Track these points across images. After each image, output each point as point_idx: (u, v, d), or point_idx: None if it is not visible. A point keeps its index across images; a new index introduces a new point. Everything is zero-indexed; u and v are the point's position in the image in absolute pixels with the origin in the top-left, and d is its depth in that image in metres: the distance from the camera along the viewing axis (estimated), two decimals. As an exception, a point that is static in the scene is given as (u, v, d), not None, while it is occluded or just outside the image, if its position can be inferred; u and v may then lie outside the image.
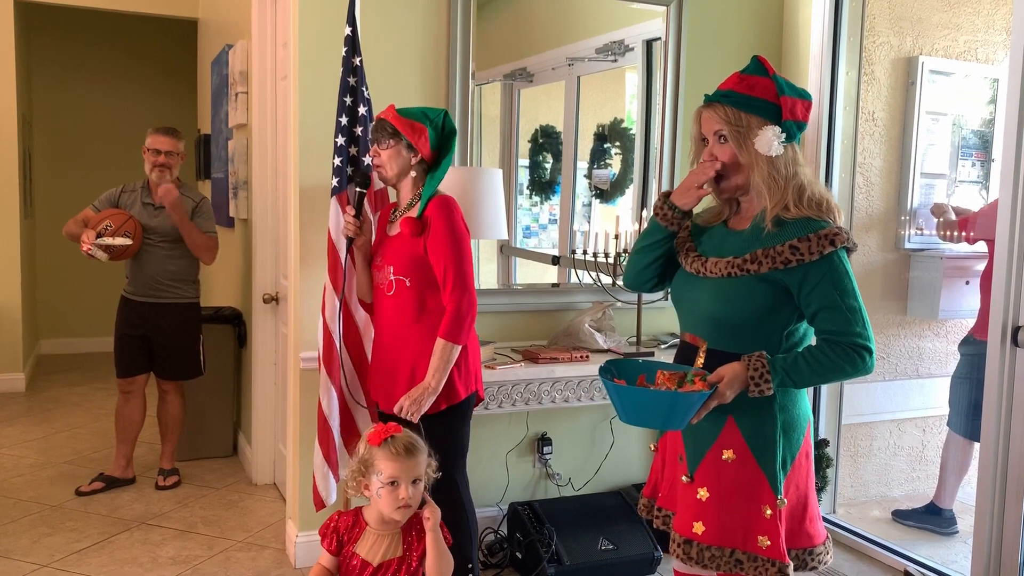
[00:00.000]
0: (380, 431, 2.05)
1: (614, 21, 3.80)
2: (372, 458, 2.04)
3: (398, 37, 3.24)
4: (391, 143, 2.57)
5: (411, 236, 2.54)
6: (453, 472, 2.62)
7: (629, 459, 3.75)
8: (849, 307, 1.85)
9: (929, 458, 4.16)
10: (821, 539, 2.01)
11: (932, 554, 3.45)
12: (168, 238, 3.98)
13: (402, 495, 2.02)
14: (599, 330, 3.42)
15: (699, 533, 1.94)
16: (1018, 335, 2.77)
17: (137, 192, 4.05)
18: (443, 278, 2.51)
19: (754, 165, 1.92)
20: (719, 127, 1.94)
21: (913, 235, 3.96)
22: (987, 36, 4.04)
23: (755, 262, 1.89)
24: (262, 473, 4.21)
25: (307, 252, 3.19)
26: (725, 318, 1.94)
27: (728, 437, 1.93)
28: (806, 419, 1.98)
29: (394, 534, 2.12)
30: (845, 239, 1.88)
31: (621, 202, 3.89)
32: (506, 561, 3.29)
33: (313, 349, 3.10)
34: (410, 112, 2.59)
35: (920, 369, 4.08)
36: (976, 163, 4.12)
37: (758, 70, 1.95)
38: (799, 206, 1.90)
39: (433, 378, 2.49)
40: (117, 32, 7.34)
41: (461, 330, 2.49)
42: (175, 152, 4.01)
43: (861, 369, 1.87)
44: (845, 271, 1.88)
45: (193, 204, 4.02)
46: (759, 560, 1.89)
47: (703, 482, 1.96)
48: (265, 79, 3.98)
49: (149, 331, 4.05)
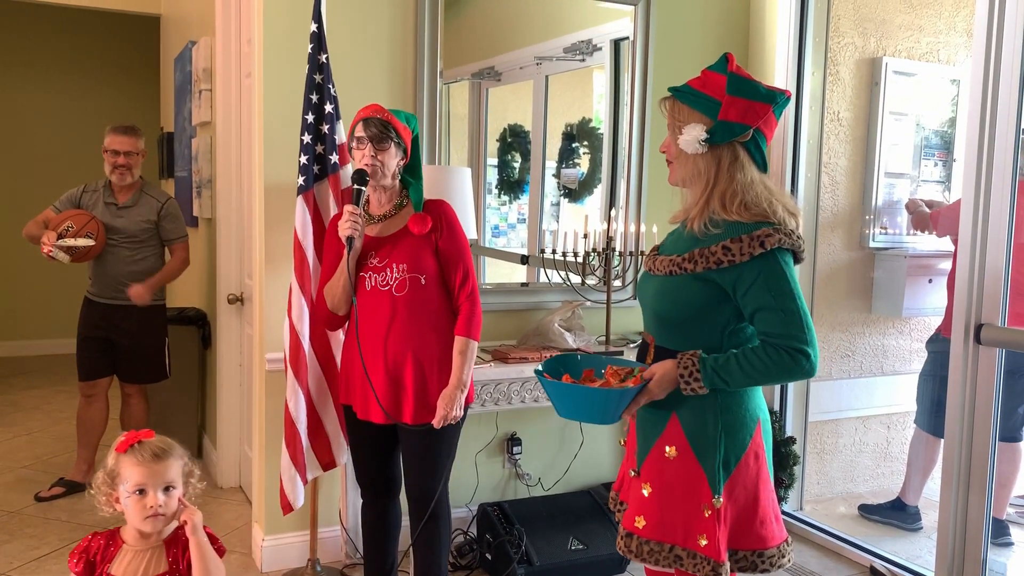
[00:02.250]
0: (128, 438, 1.90)
1: (582, 20, 3.80)
2: (118, 467, 1.89)
3: (365, 34, 3.21)
4: (390, 144, 2.50)
5: (422, 234, 2.52)
6: (445, 481, 2.62)
7: (598, 459, 3.75)
8: (785, 309, 1.83)
9: (894, 454, 4.21)
10: (775, 542, 1.97)
11: (897, 550, 3.49)
12: (133, 239, 3.91)
13: (150, 503, 1.86)
14: (568, 329, 3.41)
15: (640, 527, 1.95)
16: (980, 332, 2.81)
17: (99, 192, 3.96)
18: (461, 278, 2.55)
19: (678, 160, 1.97)
20: (667, 119, 2.00)
21: (877, 234, 4.01)
22: (948, 38, 4.10)
23: (691, 261, 1.90)
24: (227, 476, 4.15)
25: (273, 252, 3.14)
26: (665, 315, 1.97)
27: (671, 433, 1.94)
28: (754, 419, 1.95)
29: (154, 549, 1.93)
30: (779, 241, 1.84)
31: (589, 201, 3.89)
32: (476, 562, 3.27)
33: (279, 350, 3.06)
34: (396, 113, 2.55)
35: (885, 366, 4.13)
36: (938, 163, 4.18)
37: (719, 67, 1.94)
38: (728, 209, 1.90)
39: (463, 375, 2.51)
40: (76, 28, 7.20)
41: (478, 327, 2.56)
42: (134, 151, 3.93)
43: (798, 372, 1.84)
44: (781, 272, 1.85)
45: (158, 205, 3.95)
46: (698, 557, 1.89)
47: (647, 477, 1.97)
48: (229, 76, 3.92)
49: (112, 333, 3.97)
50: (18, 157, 7.16)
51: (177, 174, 5.26)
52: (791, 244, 1.87)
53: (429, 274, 2.52)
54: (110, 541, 1.94)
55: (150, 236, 3.94)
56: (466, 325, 2.52)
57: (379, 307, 2.52)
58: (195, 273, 4.85)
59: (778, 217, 1.90)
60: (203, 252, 4.58)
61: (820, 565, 3.40)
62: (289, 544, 3.25)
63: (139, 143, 3.96)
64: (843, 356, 4.02)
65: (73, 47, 7.28)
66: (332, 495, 3.30)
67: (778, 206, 1.92)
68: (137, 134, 3.97)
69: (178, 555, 1.94)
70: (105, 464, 1.92)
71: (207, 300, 4.51)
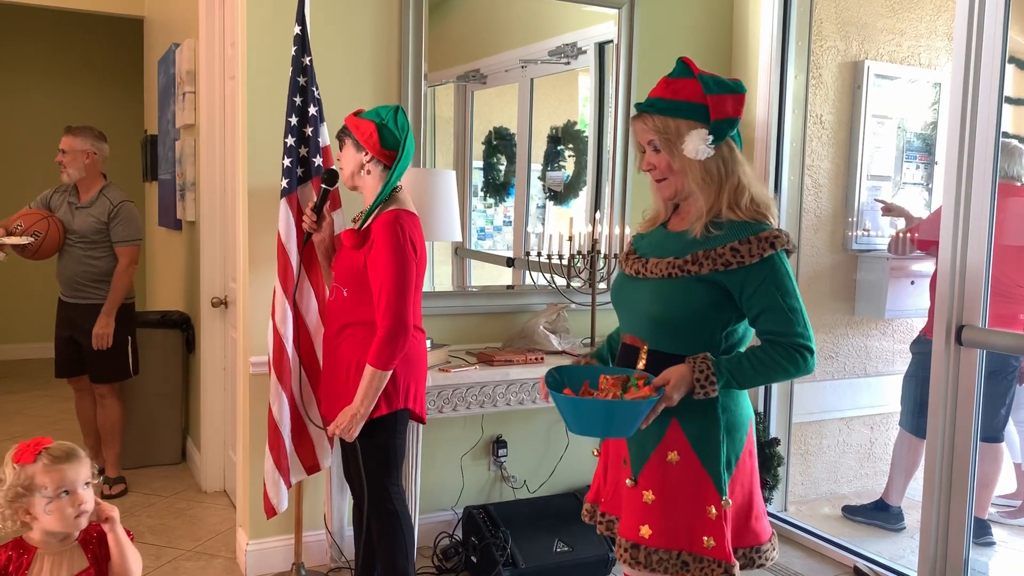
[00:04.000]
0: (28, 447, 1.87)
1: (567, 23, 3.81)
2: (30, 477, 1.84)
3: (349, 37, 3.21)
4: (345, 142, 2.58)
5: (351, 248, 2.52)
6: (385, 483, 2.61)
7: (584, 461, 3.76)
8: (790, 308, 1.87)
9: (877, 455, 4.24)
10: (767, 536, 2.01)
11: (881, 550, 3.51)
12: (85, 239, 3.93)
13: (80, 500, 1.86)
14: (554, 332, 3.42)
15: (646, 536, 1.93)
16: (962, 334, 2.83)
17: (67, 192, 4.03)
18: (377, 299, 2.46)
19: (687, 170, 1.93)
20: (650, 136, 1.95)
21: (860, 236, 4.04)
22: (930, 41, 4.13)
23: (696, 263, 1.90)
24: (212, 480, 4.13)
25: (256, 255, 3.13)
26: (665, 319, 1.94)
27: (672, 439, 1.93)
28: (748, 418, 1.99)
29: (72, 549, 1.93)
30: (785, 241, 1.89)
31: (575, 204, 3.89)
32: (461, 565, 3.27)
33: (263, 354, 3.04)
34: (366, 113, 2.58)
35: (868, 368, 4.16)
36: (920, 165, 4.21)
37: (683, 72, 1.93)
38: (735, 208, 1.90)
39: (362, 405, 2.47)
40: (59, 30, 7.14)
41: (391, 356, 2.45)
42: (67, 150, 3.94)
43: (803, 369, 1.89)
44: (786, 272, 1.89)
45: (111, 207, 3.94)
46: (705, 561, 1.90)
47: (648, 484, 1.95)
48: (213, 79, 3.91)
49: (76, 333, 3.99)
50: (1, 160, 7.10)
51: (161, 177, 5.24)
52: (792, 244, 1.92)
53: (353, 287, 2.51)
54: (20, 550, 1.90)
55: (103, 237, 3.95)
56: (374, 352, 2.44)
57: (328, 306, 2.68)
58: (178, 276, 4.83)
59: (771, 212, 1.94)
60: (186, 255, 4.55)
61: (804, 566, 3.42)
62: (274, 548, 3.23)
63: (75, 142, 3.95)
64: (827, 358, 4.04)
65: (56, 50, 7.22)
66: (317, 499, 3.28)
67: (770, 202, 1.96)
68: (75, 134, 3.98)
69: (96, 550, 1.94)
70: (3, 480, 1.86)
71: (190, 303, 4.49)
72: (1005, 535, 3.74)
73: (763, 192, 1.96)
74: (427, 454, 3.39)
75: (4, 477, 1.87)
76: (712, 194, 1.92)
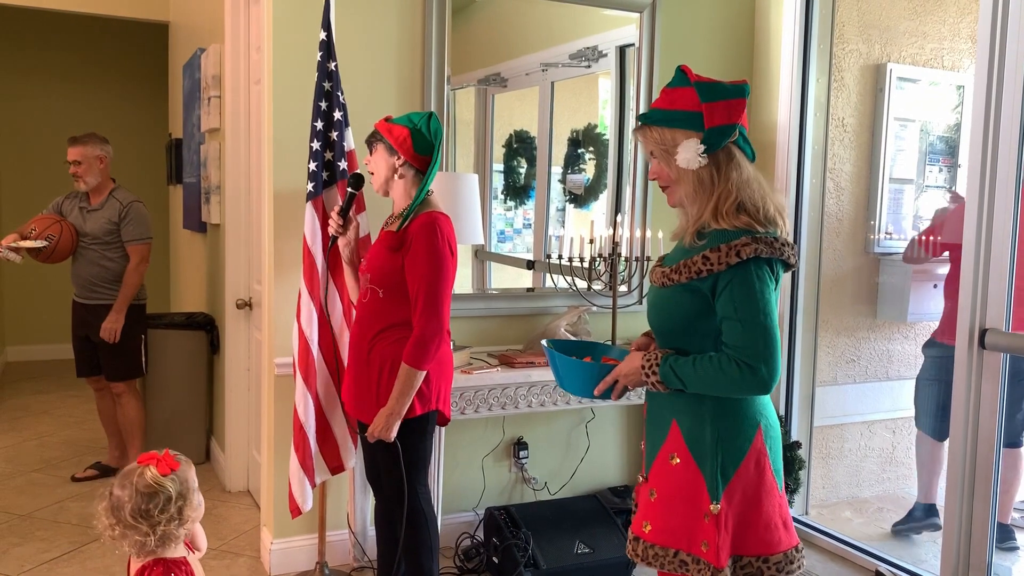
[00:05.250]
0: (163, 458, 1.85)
1: (588, 27, 3.83)
2: (186, 479, 1.85)
3: (373, 42, 3.24)
4: (376, 147, 2.60)
5: (388, 250, 2.53)
6: (413, 482, 2.63)
7: (605, 463, 3.77)
8: (744, 321, 1.82)
9: (899, 459, 4.22)
10: (782, 547, 1.95)
11: (903, 554, 3.49)
12: (98, 241, 4.07)
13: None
14: (575, 334, 3.43)
15: (646, 532, 1.97)
16: (985, 338, 2.82)
17: (78, 197, 4.17)
18: (415, 300, 2.49)
19: (681, 180, 1.95)
20: (650, 147, 1.99)
21: (882, 239, 4.02)
22: (953, 44, 4.11)
23: (678, 272, 1.92)
24: (236, 480, 4.17)
25: (281, 257, 3.17)
26: (660, 327, 2.00)
27: (673, 441, 1.96)
28: (754, 425, 1.94)
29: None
30: (756, 250, 1.83)
31: (595, 207, 3.91)
32: (482, 566, 3.29)
33: (287, 355, 3.08)
34: (397, 119, 2.60)
35: (890, 372, 4.14)
36: (943, 168, 4.19)
37: (680, 81, 1.94)
38: (719, 217, 1.90)
39: (397, 403, 2.49)
40: (83, 35, 7.23)
41: (425, 356, 2.48)
42: (81, 160, 4.07)
43: (746, 387, 1.83)
44: (751, 284, 1.83)
45: (121, 207, 4.07)
46: (702, 563, 1.91)
47: (654, 483, 1.99)
48: (238, 83, 3.95)
49: (91, 332, 4.12)
50: (28, 165, 7.20)
51: (185, 180, 5.30)
52: (771, 252, 1.85)
53: (388, 288, 2.53)
54: (173, 567, 1.86)
55: (115, 238, 4.09)
56: (409, 352, 2.47)
57: (357, 311, 2.68)
58: (203, 278, 4.89)
59: (769, 218, 1.90)
60: (211, 258, 4.61)
61: (826, 570, 3.41)
62: (298, 547, 3.27)
63: (87, 150, 4.08)
64: (848, 361, 4.03)
65: (80, 54, 7.32)
66: (340, 499, 3.32)
67: (771, 205, 1.92)
68: (83, 142, 4.11)
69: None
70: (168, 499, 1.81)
71: (215, 305, 4.54)
72: (1029, 540, 3.71)
73: (761, 199, 1.91)
74: (449, 455, 3.41)
75: (163, 492, 1.80)
76: (703, 203, 1.93)
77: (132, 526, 1.80)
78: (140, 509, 1.79)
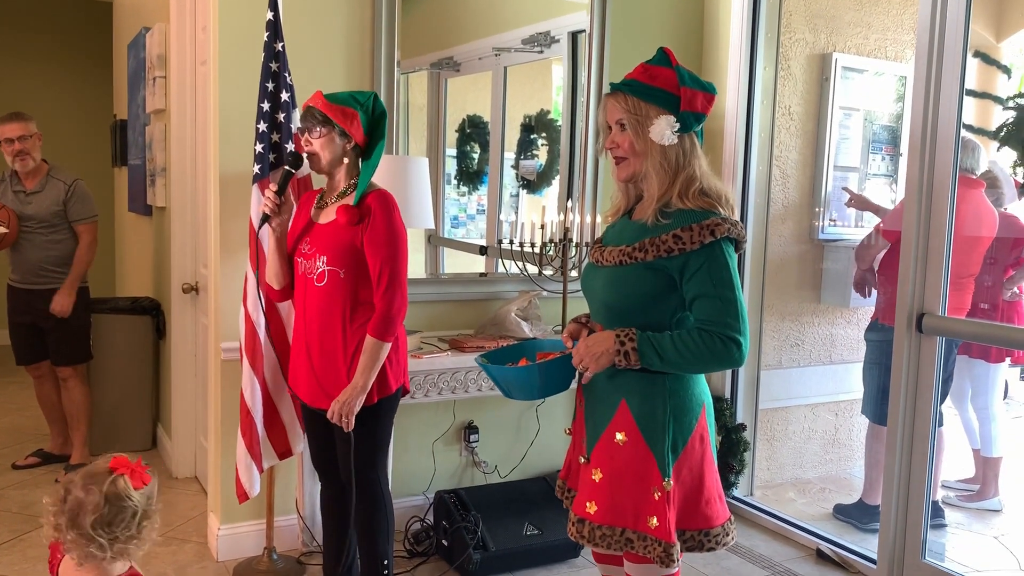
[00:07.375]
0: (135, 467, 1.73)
1: (540, 12, 3.83)
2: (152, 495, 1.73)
3: (322, 23, 3.20)
4: (322, 131, 2.49)
5: (348, 225, 2.47)
6: (376, 466, 2.61)
7: (554, 446, 3.80)
8: (724, 297, 1.89)
9: (842, 441, 4.32)
10: (719, 521, 2.03)
11: (843, 533, 3.59)
12: (44, 224, 3.96)
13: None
14: (525, 319, 3.45)
15: (591, 513, 1.99)
16: (922, 321, 2.91)
17: (7, 182, 4.02)
18: (378, 276, 2.46)
19: (648, 153, 1.97)
20: (620, 115, 2.00)
21: (827, 226, 4.11)
22: (896, 35, 4.20)
23: (642, 250, 1.94)
24: (182, 466, 4.12)
25: (228, 241, 3.13)
26: (615, 305, 2.00)
27: (621, 420, 1.98)
28: (700, 403, 2.01)
29: None
30: (727, 230, 1.90)
31: (548, 192, 3.92)
32: (432, 549, 3.30)
33: (234, 339, 3.05)
34: (339, 97, 2.51)
35: (833, 355, 4.24)
36: (886, 157, 4.29)
37: (662, 61, 1.99)
38: (684, 197, 1.95)
39: (363, 376, 2.45)
40: (25, 11, 7.02)
41: (391, 328, 2.46)
42: (27, 135, 3.95)
43: (727, 360, 1.89)
44: (724, 262, 1.90)
45: (65, 187, 3.98)
46: (648, 539, 1.94)
47: (597, 463, 2.01)
48: (184, 63, 3.88)
49: (36, 318, 4.02)
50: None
51: (130, 162, 5.19)
52: (736, 233, 1.93)
53: (349, 268, 2.48)
54: None
55: (61, 220, 4.00)
56: (376, 325, 2.45)
57: (304, 293, 2.56)
58: (148, 262, 4.80)
59: (728, 205, 1.98)
60: (156, 241, 4.52)
61: (769, 548, 3.49)
62: (245, 533, 3.25)
63: (30, 126, 3.97)
64: (793, 345, 4.12)
65: (21, 32, 7.09)
66: (288, 483, 3.30)
67: (726, 193, 2.00)
68: (25, 118, 3.98)
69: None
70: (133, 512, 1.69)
71: (160, 290, 4.47)
72: (962, 518, 3.84)
73: (717, 185, 1.99)
74: (399, 439, 3.41)
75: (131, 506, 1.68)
76: (666, 181, 1.96)
77: (90, 536, 1.65)
78: (104, 520, 1.65)
